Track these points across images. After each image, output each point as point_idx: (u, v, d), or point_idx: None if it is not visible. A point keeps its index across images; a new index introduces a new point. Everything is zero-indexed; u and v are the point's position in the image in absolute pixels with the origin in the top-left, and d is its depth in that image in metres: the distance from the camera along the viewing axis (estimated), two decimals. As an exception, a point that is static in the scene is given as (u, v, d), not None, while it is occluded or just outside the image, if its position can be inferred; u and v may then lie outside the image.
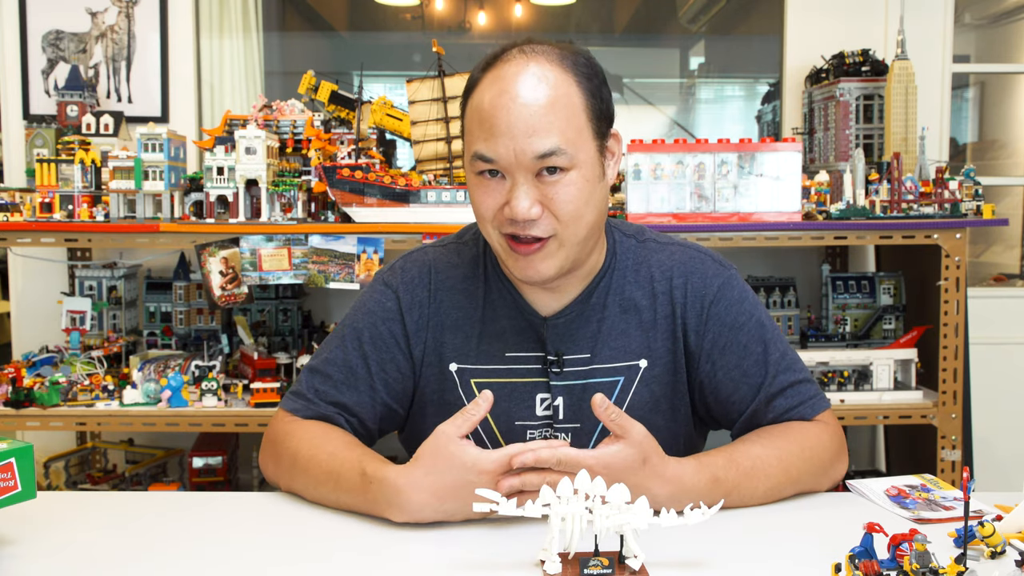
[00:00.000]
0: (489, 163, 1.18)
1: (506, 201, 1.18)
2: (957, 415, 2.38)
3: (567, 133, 1.17)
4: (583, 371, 1.30)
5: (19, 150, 2.83)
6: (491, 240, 1.25)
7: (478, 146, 1.18)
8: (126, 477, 2.66)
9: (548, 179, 1.17)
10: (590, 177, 1.20)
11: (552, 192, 1.17)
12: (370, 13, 4.10)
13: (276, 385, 2.33)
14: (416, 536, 1.10)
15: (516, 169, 1.17)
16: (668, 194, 2.37)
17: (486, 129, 1.17)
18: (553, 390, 1.30)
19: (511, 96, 1.16)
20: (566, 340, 1.30)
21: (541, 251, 1.20)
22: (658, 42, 4.37)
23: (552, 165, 1.17)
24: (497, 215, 1.20)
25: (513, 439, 1.29)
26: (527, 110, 1.15)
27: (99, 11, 2.88)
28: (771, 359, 1.32)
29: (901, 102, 2.58)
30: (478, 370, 1.31)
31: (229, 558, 1.03)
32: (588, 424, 1.29)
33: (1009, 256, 3.91)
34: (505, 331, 1.31)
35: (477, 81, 1.22)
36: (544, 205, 1.18)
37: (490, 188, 1.20)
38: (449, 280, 1.35)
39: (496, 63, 1.21)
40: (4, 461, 0.99)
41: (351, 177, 2.30)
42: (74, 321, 2.53)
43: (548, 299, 1.31)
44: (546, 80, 1.17)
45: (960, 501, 1.19)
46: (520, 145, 1.15)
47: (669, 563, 0.99)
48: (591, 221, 1.22)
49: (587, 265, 1.30)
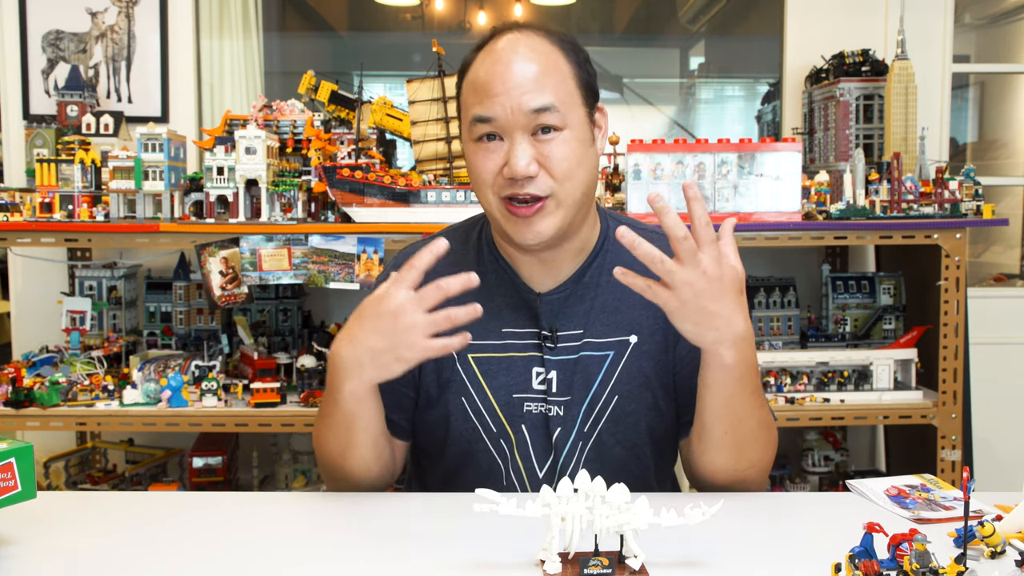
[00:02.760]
0: (487, 123, 1.24)
1: (504, 162, 1.24)
2: (957, 415, 2.38)
3: (559, 94, 1.24)
4: (575, 346, 1.33)
5: (19, 150, 2.83)
6: (490, 208, 1.29)
7: (475, 109, 1.25)
8: (126, 477, 2.66)
9: (543, 138, 1.24)
10: (581, 139, 1.27)
11: (548, 150, 1.23)
12: (370, 13, 4.11)
13: (276, 385, 2.33)
14: (416, 536, 1.10)
15: (513, 127, 1.23)
16: (668, 194, 2.36)
17: (481, 93, 1.24)
18: (547, 364, 1.33)
19: (505, 62, 1.24)
20: (560, 316, 1.34)
21: (540, 211, 1.24)
22: (658, 42, 4.37)
23: (546, 124, 1.23)
24: (496, 179, 1.25)
25: (512, 412, 1.33)
26: (522, 71, 1.23)
27: (99, 11, 2.88)
28: None
29: (901, 102, 2.58)
30: (475, 345, 1.33)
31: (229, 558, 1.03)
32: (577, 396, 1.32)
33: (1009, 256, 3.91)
34: (502, 308, 1.34)
35: (471, 61, 1.29)
36: (540, 163, 1.23)
37: (489, 151, 1.25)
38: (440, 264, 1.37)
39: (487, 43, 1.28)
40: (4, 461, 0.99)
41: (351, 177, 2.30)
42: (74, 321, 2.53)
43: (543, 276, 1.34)
44: (536, 49, 1.25)
45: (960, 501, 1.19)
46: (515, 102, 1.22)
47: (669, 563, 0.99)
48: (584, 181, 1.27)
49: (579, 238, 1.34)
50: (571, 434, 1.32)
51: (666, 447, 1.41)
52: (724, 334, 1.13)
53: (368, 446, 1.26)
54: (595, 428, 1.32)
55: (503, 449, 1.33)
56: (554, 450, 1.32)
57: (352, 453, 1.26)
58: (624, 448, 1.34)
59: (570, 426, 1.32)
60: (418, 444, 1.44)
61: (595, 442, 1.33)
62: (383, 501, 1.24)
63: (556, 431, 1.32)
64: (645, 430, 1.35)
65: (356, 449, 1.26)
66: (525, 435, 1.33)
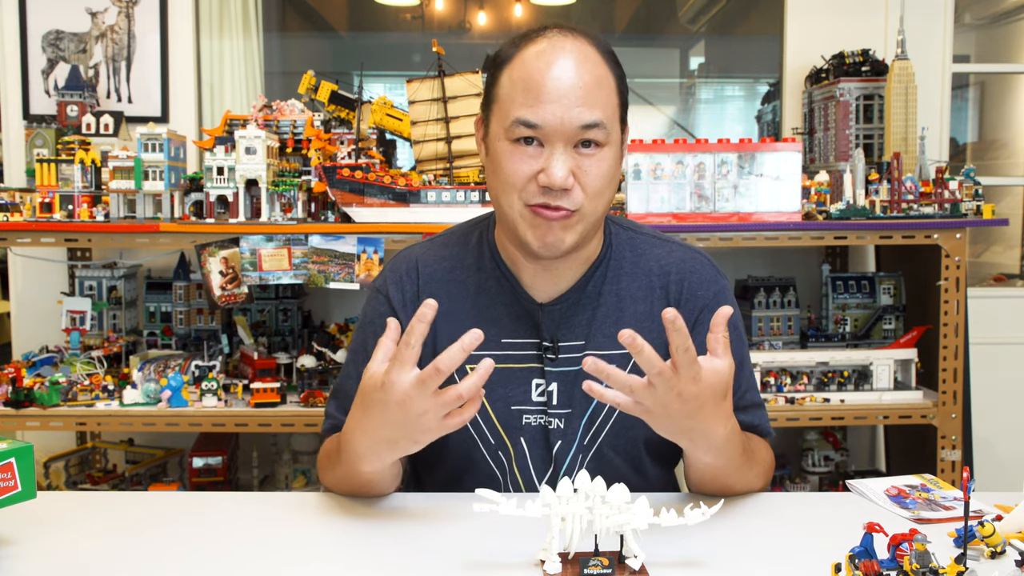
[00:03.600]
0: (532, 129, 1.20)
1: (540, 169, 1.20)
2: (957, 415, 2.38)
3: (607, 110, 1.21)
4: (577, 358, 1.31)
5: (19, 150, 2.83)
6: (510, 211, 1.24)
7: (521, 112, 1.20)
8: (126, 477, 2.66)
9: (584, 152, 1.21)
10: (616, 157, 1.25)
11: (587, 165, 1.21)
12: (370, 13, 4.11)
13: (276, 385, 2.33)
14: (416, 536, 1.10)
15: (558, 138, 1.19)
16: (668, 194, 2.37)
17: (533, 96, 1.19)
18: (548, 376, 1.31)
19: (561, 67, 1.19)
20: (561, 327, 1.32)
21: (565, 221, 1.22)
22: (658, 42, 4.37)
23: (591, 139, 1.20)
24: (528, 184, 1.21)
25: (510, 423, 1.31)
26: (578, 80, 1.19)
27: (99, 11, 2.88)
28: (743, 375, 1.35)
29: (901, 102, 2.58)
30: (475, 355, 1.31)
31: (229, 558, 1.03)
32: (578, 409, 1.31)
33: (1009, 256, 3.91)
34: (502, 317, 1.33)
35: (512, 56, 1.24)
36: (576, 177, 1.20)
37: (525, 155, 1.21)
38: (437, 272, 1.37)
39: (535, 38, 1.23)
40: (4, 461, 0.99)
41: (351, 177, 2.30)
42: (74, 321, 2.53)
43: (545, 284, 1.32)
44: (589, 59, 1.21)
45: (960, 501, 1.20)
46: (568, 113, 1.18)
47: (669, 563, 0.99)
48: (608, 200, 1.26)
49: (588, 248, 1.32)
50: (571, 447, 1.31)
51: (666, 458, 1.40)
52: (699, 443, 1.13)
53: (386, 488, 1.25)
54: (595, 441, 1.31)
55: (501, 461, 1.32)
56: (554, 462, 1.31)
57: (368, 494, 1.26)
58: (625, 460, 1.33)
59: (571, 439, 1.31)
60: (416, 455, 1.44)
61: (595, 455, 1.32)
62: (383, 501, 1.24)
63: (556, 444, 1.31)
64: (645, 443, 1.33)
65: (373, 493, 1.25)
66: (524, 447, 1.32)
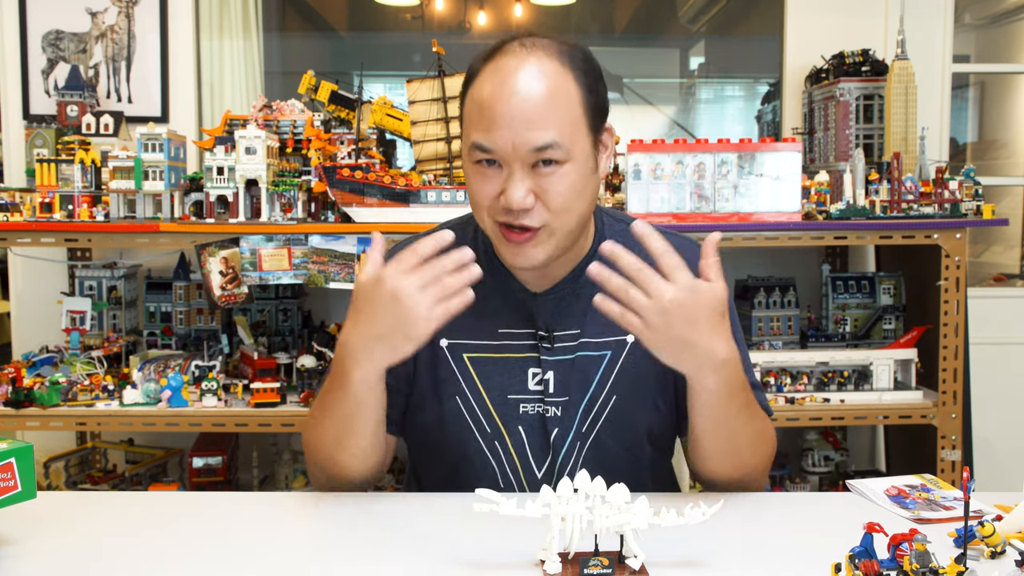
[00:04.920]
0: (487, 153, 1.21)
1: (502, 190, 1.21)
2: (957, 415, 2.38)
3: (563, 127, 1.20)
4: (572, 346, 1.33)
5: (19, 150, 2.83)
6: (485, 227, 1.28)
7: (477, 136, 1.21)
8: (126, 477, 2.66)
9: (543, 171, 1.20)
10: (583, 171, 1.24)
11: (546, 184, 1.21)
12: (370, 13, 4.11)
13: (276, 385, 2.33)
14: (416, 536, 1.10)
15: (513, 160, 1.20)
16: (668, 194, 2.37)
17: (485, 120, 1.20)
18: (544, 365, 1.32)
19: (510, 89, 1.19)
20: (556, 317, 1.33)
21: (532, 240, 1.23)
22: (658, 42, 4.37)
23: (548, 158, 1.20)
24: (493, 203, 1.23)
25: (506, 413, 1.32)
26: (526, 103, 1.18)
27: (99, 11, 2.88)
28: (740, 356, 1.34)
29: (901, 102, 2.58)
30: (471, 345, 1.34)
31: (229, 558, 1.03)
32: (575, 396, 1.32)
33: (1009, 256, 3.91)
34: (498, 308, 1.34)
35: (477, 72, 1.25)
36: (538, 195, 1.21)
37: (487, 177, 1.23)
38: None
39: (496, 55, 1.24)
40: (4, 461, 0.99)
41: (351, 177, 2.30)
42: (74, 321, 2.53)
43: (538, 276, 1.34)
44: (545, 74, 1.20)
45: (960, 501, 1.19)
46: (518, 138, 1.18)
47: (669, 563, 0.99)
48: (581, 212, 1.26)
49: (574, 249, 1.33)
50: (569, 434, 1.32)
51: (665, 445, 1.42)
52: (703, 361, 1.13)
53: (368, 435, 1.25)
54: (593, 428, 1.33)
55: (497, 450, 1.33)
56: (552, 450, 1.32)
57: (350, 442, 1.25)
58: (623, 447, 1.34)
59: (568, 426, 1.32)
60: (415, 446, 1.44)
61: (593, 442, 1.33)
62: (383, 501, 1.24)
63: (554, 431, 1.32)
64: (644, 429, 1.35)
65: (356, 439, 1.25)
66: (522, 436, 1.33)
